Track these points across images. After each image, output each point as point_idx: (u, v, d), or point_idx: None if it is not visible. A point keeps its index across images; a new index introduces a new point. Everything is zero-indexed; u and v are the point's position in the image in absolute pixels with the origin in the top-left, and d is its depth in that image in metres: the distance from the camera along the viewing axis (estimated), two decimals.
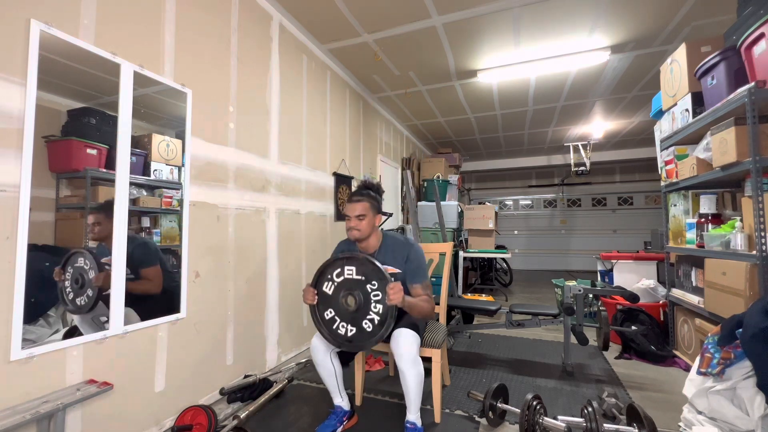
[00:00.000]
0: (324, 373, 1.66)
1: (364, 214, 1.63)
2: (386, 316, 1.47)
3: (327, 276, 1.59)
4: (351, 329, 1.54)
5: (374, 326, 1.51)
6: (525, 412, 1.52)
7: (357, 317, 1.53)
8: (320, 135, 3.15)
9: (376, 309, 1.49)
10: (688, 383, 1.58)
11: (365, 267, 1.51)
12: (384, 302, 1.46)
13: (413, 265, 1.64)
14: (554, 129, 5.84)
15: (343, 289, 1.54)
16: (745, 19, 1.96)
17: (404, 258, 1.65)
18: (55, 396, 1.24)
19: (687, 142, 2.43)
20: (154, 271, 1.65)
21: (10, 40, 1.19)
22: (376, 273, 1.48)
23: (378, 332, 1.49)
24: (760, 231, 1.67)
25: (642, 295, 2.84)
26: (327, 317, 1.59)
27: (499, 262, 5.94)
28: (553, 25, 2.86)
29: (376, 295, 1.49)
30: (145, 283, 1.61)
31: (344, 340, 1.56)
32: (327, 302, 1.59)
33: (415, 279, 1.63)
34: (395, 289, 1.40)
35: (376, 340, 1.51)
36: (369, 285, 1.50)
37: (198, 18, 1.91)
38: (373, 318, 1.50)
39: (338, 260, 1.57)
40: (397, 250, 1.67)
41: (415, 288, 1.62)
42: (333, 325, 1.58)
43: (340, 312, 1.56)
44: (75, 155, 1.36)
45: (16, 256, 1.18)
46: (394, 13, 2.68)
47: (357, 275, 1.52)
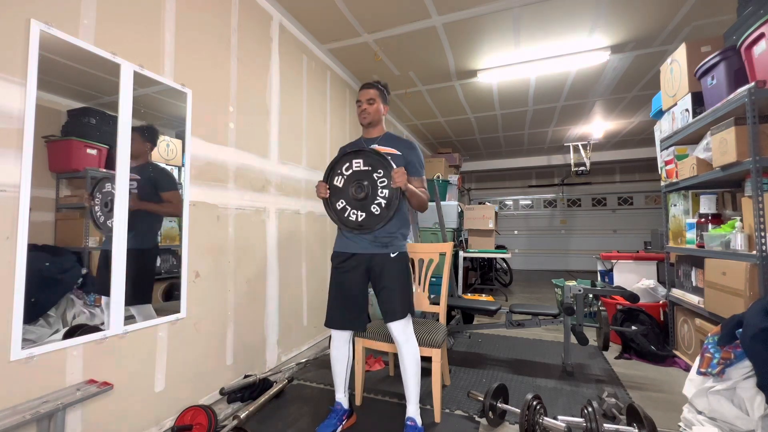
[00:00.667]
0: (337, 359, 1.72)
1: (374, 99, 1.73)
2: (392, 198, 1.59)
3: (337, 171, 1.69)
4: (361, 214, 1.64)
5: (381, 209, 1.61)
6: (525, 412, 1.52)
7: (366, 203, 1.63)
8: (320, 135, 3.15)
9: (383, 194, 1.61)
10: (688, 383, 1.58)
11: (371, 158, 1.62)
12: (389, 187, 1.58)
13: (415, 156, 1.74)
14: (554, 129, 5.84)
15: (353, 180, 1.65)
16: (745, 19, 1.97)
17: (407, 146, 1.74)
18: (55, 396, 1.24)
19: (687, 142, 2.43)
20: (174, 195, 1.75)
21: (10, 40, 1.19)
22: (382, 162, 1.60)
23: (386, 214, 1.60)
24: (760, 231, 1.67)
25: (642, 295, 2.84)
26: (339, 207, 1.69)
27: (499, 262, 5.94)
28: (553, 25, 2.86)
29: (382, 181, 1.60)
30: (167, 206, 1.72)
31: (356, 225, 1.65)
32: (338, 194, 1.69)
33: (416, 173, 1.73)
34: (399, 173, 1.52)
35: (385, 222, 1.60)
36: (375, 174, 1.61)
37: (198, 18, 1.91)
38: (380, 202, 1.61)
39: (346, 155, 1.67)
40: (399, 141, 1.77)
41: (414, 181, 1.72)
42: (345, 213, 1.67)
43: (350, 201, 1.66)
44: (75, 155, 1.36)
45: (16, 256, 1.18)
46: (394, 13, 2.68)
47: (364, 166, 1.63)
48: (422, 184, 1.74)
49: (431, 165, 5.77)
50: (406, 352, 1.62)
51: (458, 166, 6.43)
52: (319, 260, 3.05)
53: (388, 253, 1.63)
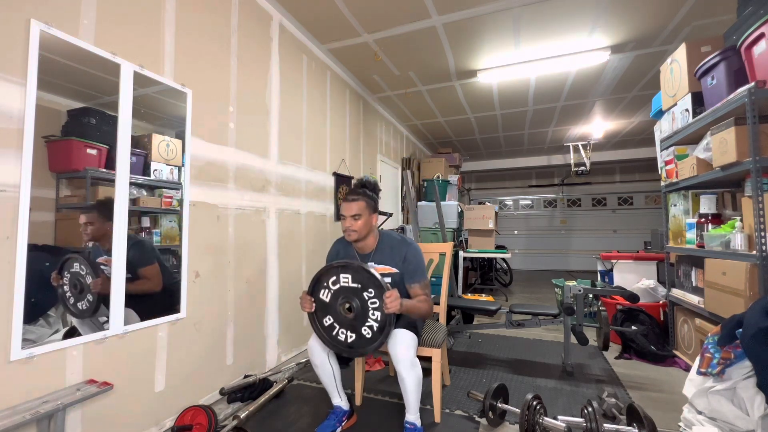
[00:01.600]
0: (322, 374, 1.66)
1: (360, 214, 1.61)
2: (385, 323, 1.47)
3: (323, 283, 1.57)
4: (351, 335, 1.54)
5: (373, 333, 1.50)
6: (525, 412, 1.52)
7: (356, 324, 1.52)
8: (320, 135, 3.15)
9: (375, 316, 1.48)
10: (688, 383, 1.58)
11: (361, 275, 1.49)
12: (382, 310, 1.45)
13: (411, 265, 1.63)
14: (554, 129, 5.84)
15: (340, 297, 1.53)
16: (745, 19, 1.96)
17: (401, 258, 1.64)
18: (55, 396, 1.24)
19: (687, 142, 2.43)
20: (152, 270, 1.64)
21: (10, 40, 1.19)
22: (372, 281, 1.46)
23: (378, 338, 1.49)
24: (760, 231, 1.67)
25: (642, 295, 2.84)
26: (326, 324, 1.58)
27: (499, 262, 5.94)
28: (553, 25, 2.86)
29: (374, 302, 1.47)
30: (145, 282, 1.60)
31: (345, 346, 1.55)
32: (325, 309, 1.57)
33: (414, 279, 1.62)
34: (392, 298, 1.39)
35: (377, 346, 1.51)
36: (366, 293, 1.48)
37: (198, 18, 1.91)
38: (372, 325, 1.49)
39: (333, 268, 1.53)
40: (395, 250, 1.66)
41: (413, 288, 1.62)
42: (333, 332, 1.58)
43: (338, 319, 1.55)
44: (75, 155, 1.36)
45: (16, 256, 1.18)
46: (394, 13, 2.68)
47: (353, 283, 1.50)
48: (425, 290, 1.61)
49: (431, 165, 5.78)
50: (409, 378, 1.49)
51: (458, 166, 6.43)
52: (320, 260, 3.04)
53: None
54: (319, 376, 1.67)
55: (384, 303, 1.40)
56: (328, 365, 1.64)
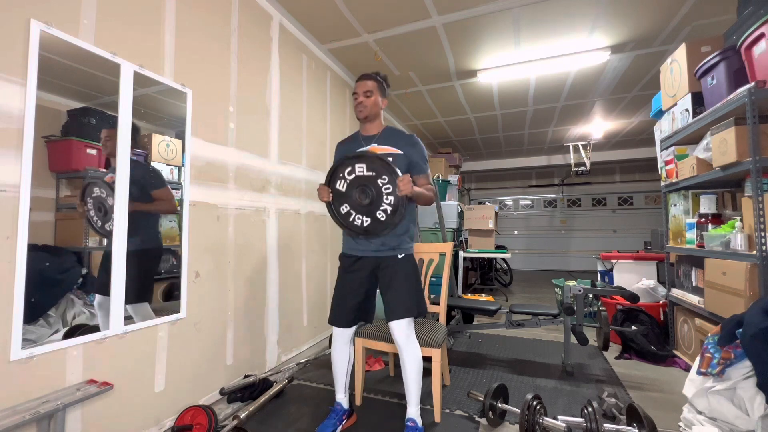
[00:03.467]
0: (338, 359, 1.71)
1: (371, 91, 1.67)
2: (398, 205, 1.55)
3: (339, 174, 1.64)
4: (366, 220, 1.61)
5: (387, 215, 1.57)
6: (525, 412, 1.52)
7: (371, 209, 1.59)
8: (320, 135, 3.15)
9: (388, 200, 1.57)
10: (688, 383, 1.58)
11: (375, 164, 1.57)
12: (395, 194, 1.54)
13: (418, 154, 1.70)
14: (554, 129, 5.84)
15: (356, 185, 1.61)
16: (745, 19, 1.97)
17: (409, 143, 1.69)
18: (55, 396, 1.24)
19: (687, 142, 2.43)
20: (164, 192, 1.71)
21: (10, 40, 1.19)
22: (386, 168, 1.55)
23: (392, 220, 1.56)
24: (760, 231, 1.67)
25: (642, 295, 2.85)
26: (343, 212, 1.65)
27: (499, 262, 5.94)
28: (553, 25, 2.86)
29: (387, 188, 1.56)
30: (160, 203, 1.69)
31: (361, 230, 1.62)
32: (341, 198, 1.64)
33: (420, 171, 1.70)
34: (405, 181, 1.47)
35: (391, 227, 1.57)
36: (380, 179, 1.57)
37: (198, 18, 1.91)
38: (386, 209, 1.57)
39: (348, 159, 1.61)
40: (400, 138, 1.72)
41: (419, 179, 1.69)
42: (349, 218, 1.64)
43: (354, 206, 1.62)
44: (75, 155, 1.36)
45: (16, 256, 1.18)
46: (394, 13, 2.68)
47: (368, 171, 1.58)
48: (427, 180, 1.70)
49: (431, 165, 5.77)
50: (407, 353, 1.59)
51: (458, 166, 6.43)
52: (319, 260, 3.05)
53: (395, 254, 1.63)
54: (334, 362, 1.72)
55: (397, 186, 1.48)
56: (348, 353, 1.71)
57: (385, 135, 1.73)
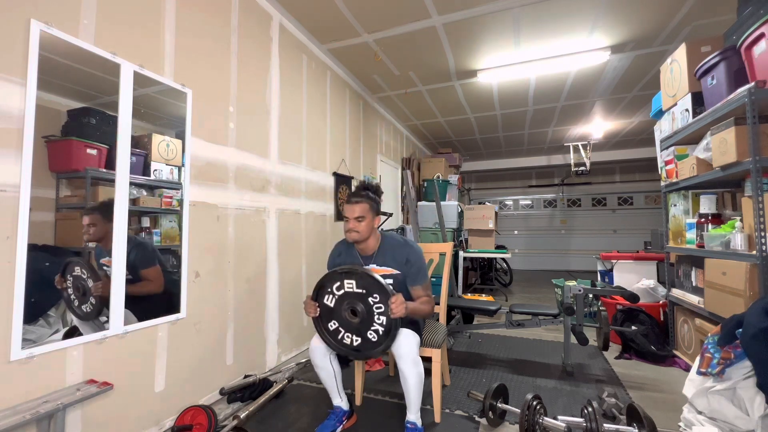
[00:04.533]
0: (323, 374, 1.66)
1: (363, 216, 1.62)
2: (390, 327, 1.48)
3: (327, 289, 1.57)
4: (356, 339, 1.54)
5: (379, 336, 1.51)
6: (525, 412, 1.52)
7: (361, 329, 1.53)
8: (320, 135, 3.15)
9: (380, 320, 1.49)
10: (688, 383, 1.58)
11: (365, 281, 1.49)
12: (387, 314, 1.46)
13: (414, 267, 1.64)
14: (554, 129, 5.84)
15: (345, 302, 1.53)
16: (745, 19, 1.96)
17: (403, 259, 1.65)
18: (55, 396, 1.24)
19: (687, 142, 2.43)
20: (154, 272, 1.65)
21: (10, 40, 1.19)
22: (377, 286, 1.47)
23: (384, 341, 1.50)
24: (760, 231, 1.67)
25: (642, 295, 2.84)
26: (331, 328, 1.59)
27: (499, 262, 5.94)
28: (553, 25, 2.86)
29: (379, 307, 1.48)
30: (147, 284, 1.61)
31: (351, 350, 1.56)
32: (330, 314, 1.58)
33: (416, 281, 1.64)
34: (397, 303, 1.41)
35: (383, 349, 1.51)
36: (371, 298, 1.49)
37: (198, 18, 1.91)
38: (378, 329, 1.50)
39: (337, 274, 1.54)
40: (396, 252, 1.67)
41: (416, 290, 1.64)
42: (338, 336, 1.58)
43: (343, 324, 1.56)
44: (75, 155, 1.36)
45: (16, 256, 1.18)
46: (394, 13, 2.68)
47: (357, 288, 1.51)
48: (425, 290, 1.64)
49: (431, 165, 5.78)
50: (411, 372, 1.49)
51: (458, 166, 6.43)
52: (319, 260, 3.05)
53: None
54: (320, 376, 1.67)
55: (390, 308, 1.42)
56: (330, 366, 1.65)
57: (382, 252, 1.67)
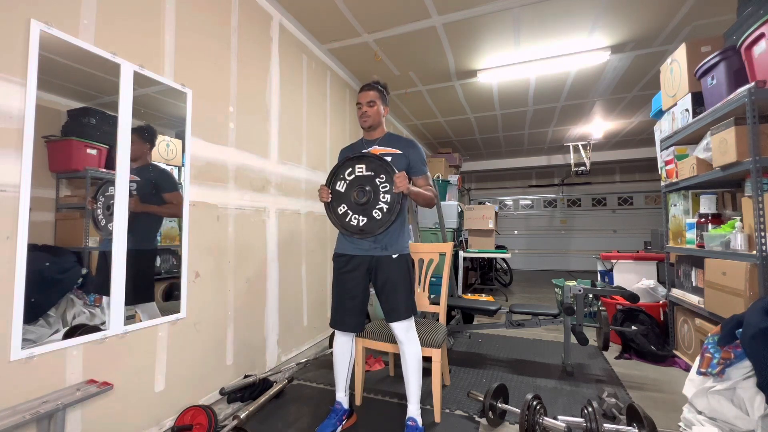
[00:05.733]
0: (340, 357, 1.73)
1: (374, 101, 1.71)
2: (393, 203, 1.60)
3: (340, 176, 1.70)
4: (362, 219, 1.65)
5: (383, 214, 1.62)
6: (525, 412, 1.52)
7: (367, 208, 1.64)
8: (320, 135, 3.15)
9: (385, 199, 1.62)
10: (688, 383, 1.58)
11: (374, 163, 1.63)
12: (391, 191, 1.59)
13: (417, 156, 1.73)
14: (554, 129, 5.84)
15: (355, 185, 1.66)
16: (745, 19, 1.97)
17: (409, 145, 1.74)
18: (55, 396, 1.24)
19: (687, 142, 2.43)
20: (175, 195, 1.76)
21: (10, 40, 1.19)
22: (384, 167, 1.61)
23: (387, 219, 1.60)
24: (760, 231, 1.67)
25: (642, 295, 2.85)
26: (340, 212, 1.69)
27: (499, 262, 5.94)
28: (553, 25, 2.86)
29: (385, 186, 1.61)
30: (169, 207, 1.73)
31: (357, 230, 1.65)
32: (340, 198, 1.69)
33: (419, 172, 1.73)
34: (401, 178, 1.52)
35: (386, 225, 1.60)
36: (378, 179, 1.62)
37: (198, 18, 1.91)
38: (382, 207, 1.62)
39: (349, 160, 1.67)
40: (400, 140, 1.77)
41: (418, 180, 1.73)
42: (346, 218, 1.68)
43: (351, 206, 1.67)
44: (75, 155, 1.36)
45: (16, 256, 1.18)
46: (394, 13, 2.68)
47: (367, 171, 1.64)
48: (427, 181, 1.74)
49: (431, 165, 5.77)
50: (409, 352, 1.62)
51: (458, 166, 6.43)
52: (319, 260, 3.05)
53: (389, 254, 1.64)
54: (336, 359, 1.74)
55: (394, 183, 1.54)
56: (350, 350, 1.74)
57: (387, 138, 1.78)
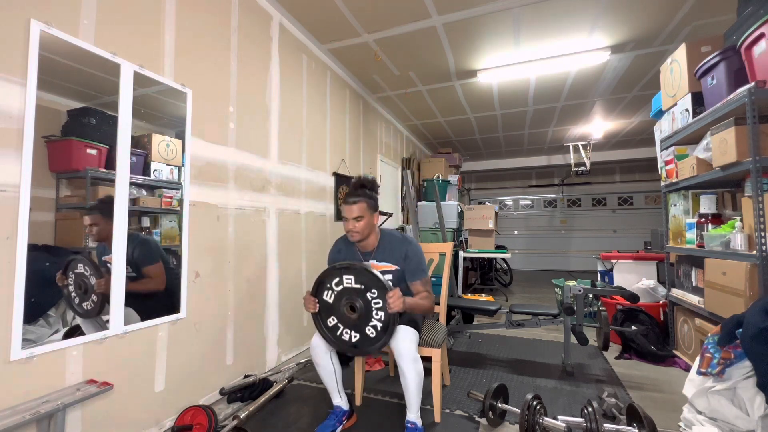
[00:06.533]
0: (324, 373, 1.67)
1: (362, 215, 1.63)
2: (388, 322, 1.49)
3: (326, 285, 1.58)
4: (355, 335, 1.56)
5: (377, 332, 1.52)
6: (525, 412, 1.52)
7: (360, 324, 1.54)
8: (320, 135, 3.15)
9: (378, 316, 1.50)
10: (688, 383, 1.58)
11: (363, 276, 1.50)
12: (385, 309, 1.47)
13: (412, 263, 1.65)
14: (554, 129, 5.84)
15: (344, 298, 1.55)
16: (745, 19, 1.96)
17: (402, 255, 1.66)
18: (55, 396, 1.24)
19: (687, 142, 2.43)
20: (156, 269, 1.65)
21: (10, 40, 1.19)
22: (375, 282, 1.48)
23: (382, 338, 1.51)
24: (760, 231, 1.67)
25: (642, 295, 2.84)
26: (330, 324, 1.60)
27: (499, 262, 5.94)
28: (553, 25, 2.86)
29: (377, 302, 1.49)
30: (148, 281, 1.61)
31: (350, 346, 1.58)
32: (329, 310, 1.59)
33: (415, 277, 1.65)
34: (395, 297, 1.41)
35: (381, 345, 1.52)
36: (369, 293, 1.50)
37: (198, 18, 1.91)
38: (376, 325, 1.51)
39: (336, 270, 1.55)
40: (396, 248, 1.69)
41: (415, 285, 1.64)
42: (337, 332, 1.59)
43: (342, 319, 1.57)
44: (75, 155, 1.36)
45: (16, 256, 1.18)
46: (394, 13, 2.68)
47: (356, 284, 1.52)
48: (425, 285, 1.64)
49: (431, 165, 5.78)
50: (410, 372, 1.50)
51: (458, 166, 6.43)
52: (319, 260, 3.05)
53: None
54: (321, 375, 1.68)
55: (387, 302, 1.42)
56: (330, 364, 1.66)
57: (382, 249, 1.69)
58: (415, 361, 1.51)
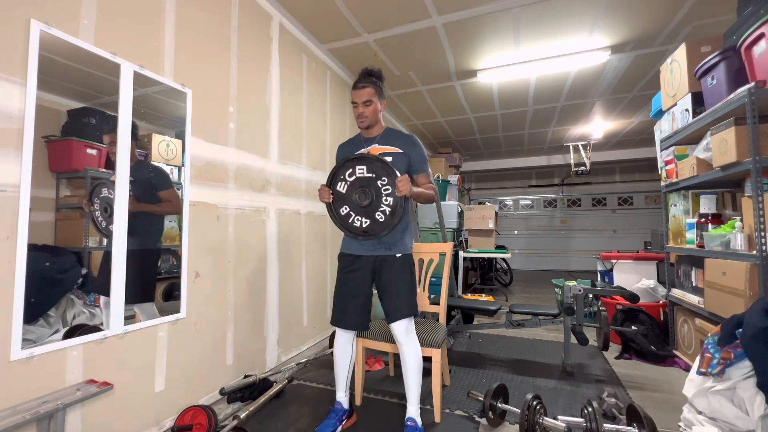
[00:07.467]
0: (340, 358, 1.72)
1: (371, 100, 1.67)
2: (396, 206, 1.58)
3: (340, 176, 1.66)
4: (365, 221, 1.63)
5: (386, 216, 1.60)
6: (525, 412, 1.52)
7: (370, 210, 1.62)
8: (320, 135, 3.15)
9: (387, 201, 1.59)
10: (688, 383, 1.58)
11: (374, 165, 1.60)
12: (394, 194, 1.56)
13: (417, 152, 1.71)
14: (554, 129, 5.84)
15: (356, 187, 1.63)
16: (745, 19, 1.96)
17: (407, 143, 1.71)
18: (55, 396, 1.24)
19: (687, 142, 2.43)
20: (171, 193, 1.74)
21: (10, 40, 1.19)
22: (385, 169, 1.58)
23: (390, 221, 1.59)
24: (760, 231, 1.67)
25: (642, 295, 2.85)
26: (342, 213, 1.67)
27: (499, 262, 5.94)
28: (553, 25, 2.86)
29: (387, 189, 1.59)
30: (166, 205, 1.72)
31: (360, 231, 1.64)
32: (341, 199, 1.67)
33: (420, 169, 1.71)
34: (403, 181, 1.48)
35: (390, 228, 1.59)
36: (379, 181, 1.59)
37: (198, 18, 1.91)
38: (385, 210, 1.60)
39: (349, 161, 1.64)
40: (399, 137, 1.74)
41: (419, 178, 1.71)
42: (349, 220, 1.66)
43: (354, 207, 1.65)
44: (75, 155, 1.36)
45: (16, 256, 1.18)
46: (394, 13, 2.68)
47: (368, 173, 1.61)
48: (428, 179, 1.72)
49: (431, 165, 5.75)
50: (408, 352, 1.62)
51: (458, 166, 6.43)
52: (319, 260, 3.05)
53: (393, 254, 1.64)
54: (336, 359, 1.73)
55: (396, 186, 1.50)
56: (350, 350, 1.73)
57: (385, 135, 1.74)
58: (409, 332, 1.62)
